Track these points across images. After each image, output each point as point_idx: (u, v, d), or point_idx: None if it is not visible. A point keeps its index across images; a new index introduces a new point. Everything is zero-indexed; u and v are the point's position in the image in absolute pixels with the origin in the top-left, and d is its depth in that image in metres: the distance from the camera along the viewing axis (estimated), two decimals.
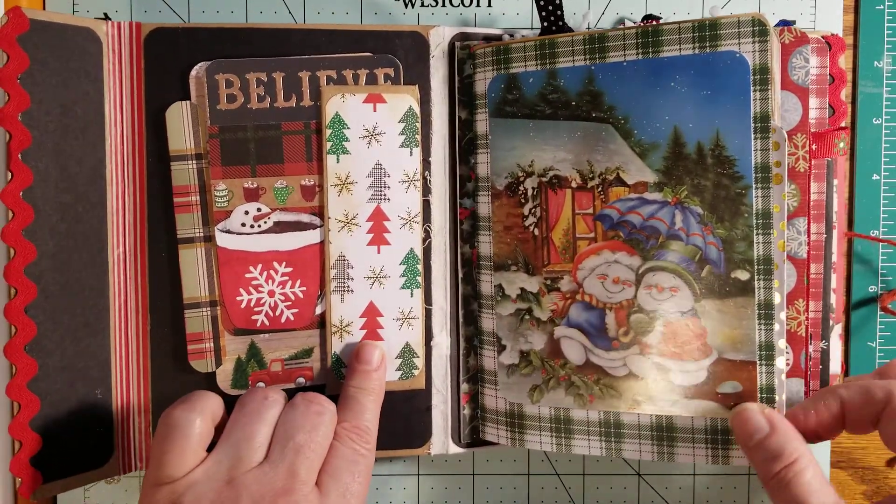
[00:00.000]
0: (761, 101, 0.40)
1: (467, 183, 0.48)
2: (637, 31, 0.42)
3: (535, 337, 0.45)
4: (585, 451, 0.45)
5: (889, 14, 0.50)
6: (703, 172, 0.41)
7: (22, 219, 0.41)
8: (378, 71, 0.46)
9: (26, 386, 0.41)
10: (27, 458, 0.41)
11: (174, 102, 0.45)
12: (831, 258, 0.45)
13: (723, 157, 0.41)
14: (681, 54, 0.41)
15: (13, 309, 0.41)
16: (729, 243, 0.42)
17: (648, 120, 0.42)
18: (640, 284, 0.43)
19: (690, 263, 0.42)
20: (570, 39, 0.43)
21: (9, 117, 0.40)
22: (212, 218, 0.45)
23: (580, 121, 0.43)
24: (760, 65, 0.40)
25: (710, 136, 0.41)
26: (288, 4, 0.50)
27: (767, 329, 0.41)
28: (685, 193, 0.42)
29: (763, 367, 0.42)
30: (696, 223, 0.42)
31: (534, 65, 0.44)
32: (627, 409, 0.44)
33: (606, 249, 0.43)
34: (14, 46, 0.40)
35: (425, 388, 0.48)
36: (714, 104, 0.41)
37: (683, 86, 0.41)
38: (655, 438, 0.44)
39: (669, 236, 0.42)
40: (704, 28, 0.41)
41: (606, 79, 0.43)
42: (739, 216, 0.41)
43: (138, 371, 0.46)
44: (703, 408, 0.43)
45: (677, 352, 0.43)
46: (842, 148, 0.43)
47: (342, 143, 0.46)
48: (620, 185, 0.43)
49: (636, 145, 0.42)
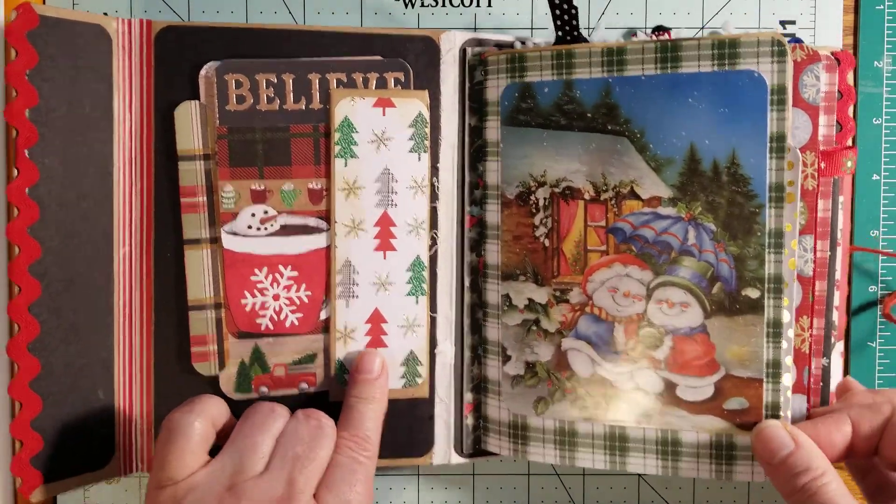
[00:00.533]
0: (778, 121, 0.40)
1: (475, 190, 0.47)
2: (656, 46, 0.42)
3: (541, 348, 0.45)
4: (589, 464, 0.45)
5: (889, 14, 0.50)
6: (717, 190, 0.41)
7: (27, 216, 0.40)
8: (388, 75, 0.46)
9: (28, 385, 0.41)
10: (28, 458, 0.41)
11: (183, 102, 0.44)
12: (835, 275, 0.45)
13: (738, 176, 0.41)
14: (699, 71, 0.41)
15: (17, 307, 0.41)
16: (741, 261, 0.41)
17: (665, 135, 0.42)
18: (651, 299, 0.43)
19: (702, 280, 0.42)
20: (587, 51, 0.43)
21: (16, 114, 0.40)
22: (218, 219, 0.45)
23: (595, 133, 0.43)
24: (778, 85, 0.40)
25: (727, 153, 0.41)
26: (288, 4, 0.49)
27: (775, 347, 0.41)
28: (699, 210, 0.42)
29: (770, 384, 0.42)
30: (709, 240, 0.42)
31: (550, 74, 0.44)
32: (633, 423, 0.43)
33: (618, 262, 0.43)
34: (23, 42, 0.40)
35: (428, 397, 0.47)
36: (731, 122, 0.41)
37: (701, 102, 0.41)
38: (660, 453, 0.43)
39: (682, 252, 0.42)
40: (724, 46, 0.41)
41: (623, 92, 0.42)
42: (752, 234, 0.41)
43: (141, 372, 0.45)
44: (709, 423, 0.42)
45: (685, 367, 0.43)
46: (849, 167, 0.43)
47: (351, 146, 0.45)
48: (634, 198, 0.43)
49: (651, 160, 0.42)
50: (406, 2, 0.50)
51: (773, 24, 0.50)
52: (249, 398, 0.46)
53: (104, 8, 0.49)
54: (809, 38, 0.50)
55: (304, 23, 0.50)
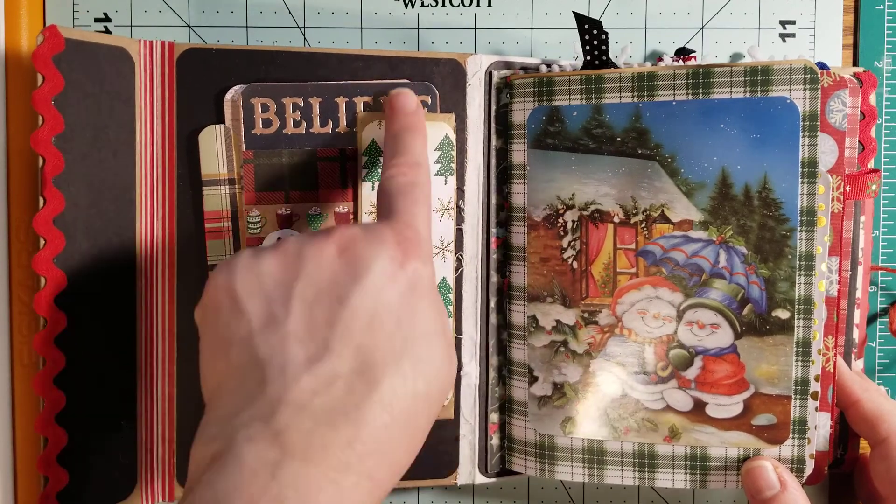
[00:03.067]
0: (809, 147, 0.41)
1: (500, 212, 0.47)
2: (688, 72, 0.42)
3: (569, 369, 0.45)
4: (618, 481, 0.45)
5: (889, 14, 0.50)
6: (749, 214, 0.42)
7: (54, 246, 0.39)
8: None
9: (55, 419, 0.40)
10: (54, 492, 0.40)
11: (207, 125, 0.44)
12: (856, 294, 0.46)
13: (769, 200, 0.42)
14: (731, 97, 0.42)
15: (42, 340, 0.39)
16: (771, 283, 0.42)
17: (696, 159, 0.42)
18: (682, 320, 0.44)
19: (733, 301, 0.43)
20: (618, 76, 0.43)
21: (43, 141, 0.39)
22: (244, 244, 0.44)
23: (625, 157, 0.44)
24: (810, 111, 0.41)
25: (758, 178, 0.42)
26: (288, 4, 0.49)
27: (804, 366, 0.42)
28: (730, 233, 0.42)
29: (798, 400, 0.43)
30: (739, 262, 0.42)
31: (578, 99, 0.44)
32: (662, 440, 0.44)
33: (648, 285, 0.44)
34: (50, 67, 0.39)
35: (454, 418, 0.47)
36: (763, 147, 0.41)
37: (733, 128, 0.42)
38: (689, 468, 0.44)
39: (713, 274, 0.43)
40: (756, 73, 0.41)
41: (654, 117, 0.43)
42: (783, 257, 0.42)
43: (164, 401, 0.44)
44: (737, 439, 0.44)
45: (714, 386, 0.43)
46: (874, 190, 0.44)
47: (378, 170, 0.45)
48: (665, 222, 0.43)
49: (682, 184, 0.43)
50: (406, 2, 0.50)
51: (773, 24, 0.50)
52: None
53: (104, 8, 0.48)
54: (809, 38, 0.50)
55: (303, 22, 0.49)
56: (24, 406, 0.45)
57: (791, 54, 0.50)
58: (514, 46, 0.50)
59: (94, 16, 0.48)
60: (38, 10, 0.47)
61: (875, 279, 0.51)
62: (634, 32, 0.50)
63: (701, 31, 0.51)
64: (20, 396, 0.45)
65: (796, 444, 0.43)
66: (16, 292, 0.44)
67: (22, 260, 0.44)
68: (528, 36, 0.50)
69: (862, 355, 0.48)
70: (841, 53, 0.50)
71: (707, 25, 0.51)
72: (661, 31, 0.50)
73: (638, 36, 0.50)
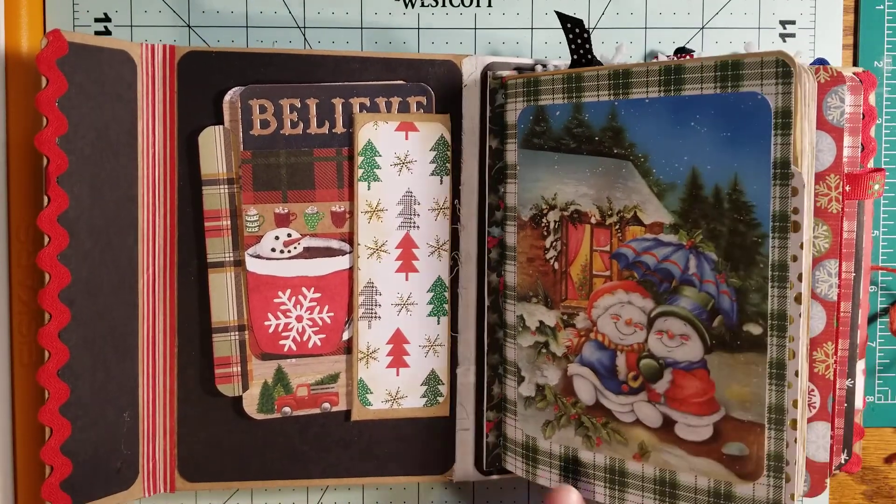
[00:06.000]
0: (782, 146, 0.37)
1: (496, 212, 0.48)
2: (660, 68, 0.41)
3: (550, 371, 0.45)
4: (591, 495, 0.44)
5: (889, 14, 0.50)
6: (719, 217, 0.39)
7: (57, 244, 0.41)
8: (410, 99, 0.46)
9: (59, 411, 0.41)
10: (58, 482, 0.41)
11: (207, 126, 0.45)
12: (859, 296, 0.45)
13: (740, 203, 0.39)
14: (702, 93, 0.39)
15: (47, 334, 0.41)
16: (742, 294, 0.39)
17: (668, 159, 0.41)
18: (652, 329, 0.42)
19: (703, 311, 0.40)
20: (595, 74, 0.43)
21: (47, 142, 0.40)
22: (242, 242, 0.45)
23: (602, 156, 0.43)
24: (783, 108, 0.37)
25: (728, 179, 0.39)
26: (287, 4, 0.50)
27: (779, 390, 0.38)
28: (700, 237, 0.40)
29: (773, 431, 0.39)
30: (709, 270, 0.40)
31: (561, 98, 0.44)
32: (632, 457, 0.43)
33: (621, 289, 0.43)
34: (53, 70, 0.40)
35: (450, 416, 0.48)
36: (733, 146, 0.39)
37: (704, 126, 0.39)
38: (658, 493, 0.42)
39: (683, 281, 0.41)
40: (727, 67, 0.39)
41: (628, 115, 0.42)
42: (755, 266, 0.39)
43: (165, 393, 0.46)
44: (708, 467, 0.41)
45: (684, 403, 0.41)
46: (876, 190, 0.42)
47: (373, 170, 0.46)
48: (637, 223, 0.42)
49: (654, 184, 0.41)
50: (406, 2, 0.50)
51: (773, 23, 0.50)
52: (272, 418, 0.46)
53: (104, 8, 0.49)
54: (809, 38, 0.50)
55: (303, 22, 0.50)
56: (24, 405, 0.46)
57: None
58: (514, 47, 0.50)
59: (94, 16, 0.49)
60: (38, 10, 0.48)
61: (875, 279, 0.51)
62: (634, 32, 0.50)
63: (701, 31, 0.50)
64: (20, 395, 0.46)
65: (772, 483, 0.39)
66: (16, 292, 0.46)
67: (22, 260, 0.46)
68: (528, 36, 0.50)
69: (863, 355, 0.48)
70: (841, 53, 0.50)
71: (707, 25, 0.50)
72: (661, 31, 0.50)
73: (638, 36, 0.50)
